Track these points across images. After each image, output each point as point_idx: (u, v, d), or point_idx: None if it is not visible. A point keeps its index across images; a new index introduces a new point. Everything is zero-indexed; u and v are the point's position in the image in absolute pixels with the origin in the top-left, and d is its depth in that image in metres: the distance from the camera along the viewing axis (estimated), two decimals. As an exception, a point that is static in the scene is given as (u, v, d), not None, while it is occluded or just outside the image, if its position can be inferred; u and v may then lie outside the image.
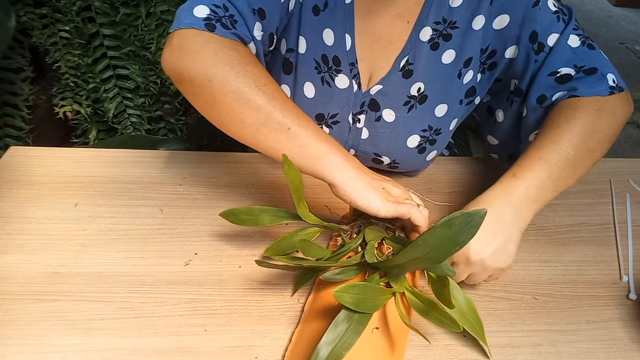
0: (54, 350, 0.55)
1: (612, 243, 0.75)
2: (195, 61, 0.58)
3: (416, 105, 0.75)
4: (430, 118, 0.76)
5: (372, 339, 0.54)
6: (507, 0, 0.69)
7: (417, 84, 0.74)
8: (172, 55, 0.61)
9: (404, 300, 0.58)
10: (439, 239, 0.49)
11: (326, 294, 0.59)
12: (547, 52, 0.69)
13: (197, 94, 0.60)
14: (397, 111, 0.75)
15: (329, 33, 0.72)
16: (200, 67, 0.58)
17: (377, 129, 0.77)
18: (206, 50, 0.59)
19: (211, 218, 0.74)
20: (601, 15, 3.48)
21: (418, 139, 0.77)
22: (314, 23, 0.72)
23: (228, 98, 0.58)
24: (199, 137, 1.70)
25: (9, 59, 1.37)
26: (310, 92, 0.75)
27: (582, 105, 0.66)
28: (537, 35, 0.69)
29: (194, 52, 0.59)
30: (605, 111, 0.66)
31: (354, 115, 0.77)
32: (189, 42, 0.59)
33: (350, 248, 0.61)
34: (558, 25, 0.69)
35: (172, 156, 0.87)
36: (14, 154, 0.84)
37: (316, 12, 0.71)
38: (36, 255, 0.66)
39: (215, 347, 0.57)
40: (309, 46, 0.73)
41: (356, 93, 0.75)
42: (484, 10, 0.70)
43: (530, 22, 0.68)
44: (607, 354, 0.59)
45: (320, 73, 0.74)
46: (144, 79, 1.46)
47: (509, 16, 0.69)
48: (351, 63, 0.74)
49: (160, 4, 1.39)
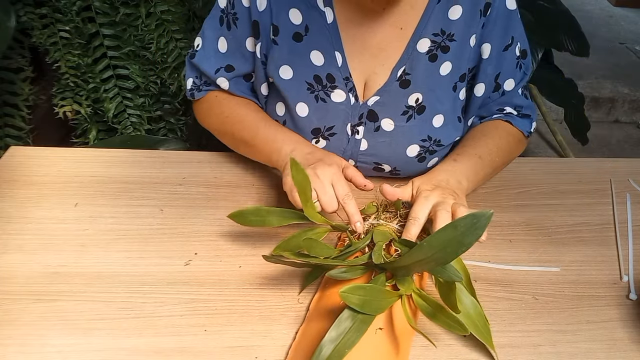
0: (54, 350, 0.55)
1: (612, 243, 0.75)
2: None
3: (414, 116, 0.76)
4: (429, 129, 0.76)
5: (376, 339, 0.54)
6: (490, 31, 0.75)
7: (415, 94, 0.75)
8: None
9: (410, 303, 0.58)
10: (445, 240, 0.49)
11: (332, 294, 0.59)
12: (501, 94, 0.80)
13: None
14: (396, 120, 0.76)
15: (316, 54, 0.74)
16: (198, 118, 0.88)
17: (376, 138, 0.77)
18: (197, 114, 0.87)
19: (211, 218, 0.74)
20: (601, 15, 3.48)
21: (417, 148, 0.77)
22: (297, 49, 0.74)
23: (216, 135, 0.85)
24: (198, 137, 1.70)
25: (9, 59, 1.37)
26: (303, 111, 0.76)
27: (512, 133, 0.81)
28: (499, 76, 0.78)
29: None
30: (521, 144, 0.84)
31: (353, 127, 0.77)
32: (193, 109, 0.89)
33: (357, 248, 0.61)
34: (515, 72, 0.79)
35: (172, 156, 0.87)
36: (14, 154, 0.84)
37: (298, 38, 0.73)
38: (36, 255, 0.66)
39: (215, 347, 0.57)
40: (297, 71, 0.75)
41: (354, 105, 0.75)
42: (477, 30, 0.74)
43: (499, 63, 0.77)
44: (607, 354, 0.59)
45: (314, 92, 0.75)
46: (144, 79, 1.46)
47: (490, 46, 0.75)
48: (345, 78, 0.74)
49: (160, 4, 1.39)
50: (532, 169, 0.90)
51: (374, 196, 0.80)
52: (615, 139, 2.44)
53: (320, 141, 0.77)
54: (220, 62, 0.79)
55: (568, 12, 1.73)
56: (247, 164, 0.86)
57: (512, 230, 0.76)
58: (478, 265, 0.68)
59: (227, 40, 0.78)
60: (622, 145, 2.40)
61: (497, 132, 0.79)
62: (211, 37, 0.79)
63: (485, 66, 0.76)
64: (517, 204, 0.81)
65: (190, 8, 1.47)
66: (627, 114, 2.57)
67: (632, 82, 2.62)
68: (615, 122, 2.58)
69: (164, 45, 1.44)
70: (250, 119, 0.79)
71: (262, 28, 0.74)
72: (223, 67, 0.80)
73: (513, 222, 0.77)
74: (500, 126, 0.81)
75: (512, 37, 0.76)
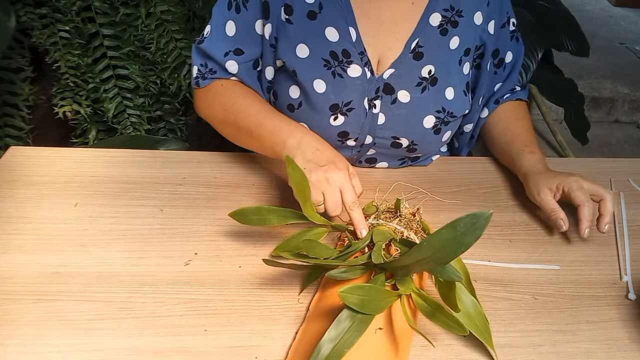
0: (54, 350, 0.55)
1: (612, 243, 0.75)
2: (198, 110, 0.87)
3: (428, 87, 0.78)
4: (442, 100, 0.79)
5: (375, 339, 0.54)
6: (493, 10, 0.80)
7: (428, 66, 0.77)
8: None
9: (410, 303, 0.58)
10: (444, 240, 0.49)
11: (332, 294, 0.59)
12: (504, 69, 0.87)
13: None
14: (412, 92, 0.78)
15: (331, 31, 0.75)
16: (197, 107, 0.87)
17: (393, 111, 0.79)
18: (199, 103, 0.86)
19: (211, 218, 0.74)
20: (601, 15, 3.48)
21: (433, 119, 0.79)
22: (313, 27, 0.75)
23: (218, 126, 0.83)
24: (199, 137, 1.70)
25: (9, 59, 1.37)
26: (320, 88, 0.77)
27: (525, 106, 0.93)
28: (499, 52, 0.85)
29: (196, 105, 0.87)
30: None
31: (370, 101, 0.78)
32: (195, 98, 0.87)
33: (357, 248, 0.61)
34: (512, 45, 0.86)
35: (172, 156, 0.87)
36: (14, 154, 0.84)
37: (312, 16, 0.75)
38: (36, 255, 0.66)
39: (215, 347, 0.57)
40: (313, 49, 0.76)
41: (370, 79, 0.77)
42: (483, 8, 0.78)
43: (499, 39, 0.83)
44: (607, 354, 0.59)
45: (331, 68, 0.76)
46: (143, 79, 1.46)
47: (494, 22, 0.81)
48: (360, 52, 0.76)
49: (160, 4, 1.39)
50: (532, 169, 0.90)
51: (374, 196, 0.80)
52: (615, 139, 2.44)
53: (339, 117, 0.78)
54: (229, 46, 0.79)
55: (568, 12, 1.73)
56: (247, 164, 0.86)
57: (512, 230, 0.76)
58: (478, 265, 0.68)
59: (235, 23, 0.79)
60: (622, 145, 2.40)
61: (521, 111, 0.91)
62: (219, 22, 0.79)
63: (491, 43, 0.82)
64: (517, 204, 0.81)
65: (190, 8, 1.47)
66: (627, 114, 2.57)
67: (632, 82, 2.62)
68: (615, 122, 2.57)
69: (164, 45, 1.44)
70: (255, 109, 0.78)
71: (272, 8, 0.76)
72: (232, 51, 0.79)
73: (513, 222, 0.77)
74: (520, 107, 0.92)
75: (506, 12, 0.83)
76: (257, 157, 0.87)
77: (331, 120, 0.78)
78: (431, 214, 0.77)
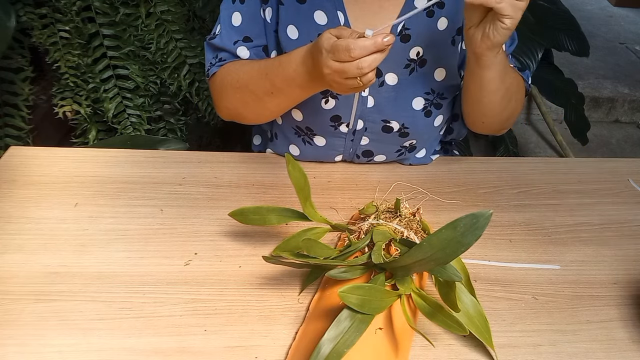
0: (53, 350, 0.55)
1: (613, 243, 0.75)
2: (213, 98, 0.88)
3: (417, 69, 0.79)
4: (431, 81, 0.80)
5: (375, 339, 0.54)
6: None
7: (416, 48, 0.78)
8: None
9: (410, 303, 0.58)
10: (444, 240, 0.49)
11: (332, 294, 0.59)
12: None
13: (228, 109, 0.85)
14: (400, 74, 0.78)
15: (320, 14, 0.77)
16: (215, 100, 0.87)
17: (381, 94, 0.79)
18: (213, 93, 0.86)
19: (211, 218, 0.74)
20: (601, 15, 3.48)
21: (422, 101, 0.80)
22: (302, 11, 0.77)
23: (240, 107, 0.83)
24: (199, 137, 1.71)
25: (9, 59, 1.37)
26: None
27: (518, 75, 0.84)
28: None
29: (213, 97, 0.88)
30: (523, 89, 0.85)
31: None
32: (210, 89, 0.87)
33: (357, 248, 0.61)
34: None
35: (172, 156, 0.87)
36: (14, 154, 0.84)
37: (302, 0, 0.76)
38: (36, 255, 0.66)
39: (215, 347, 0.57)
40: (302, 31, 0.78)
41: None
42: None
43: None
44: (607, 354, 0.59)
45: None
46: (143, 79, 1.46)
47: None
48: None
49: (160, 4, 1.39)
50: (532, 169, 0.90)
51: (374, 196, 0.80)
52: (615, 139, 2.44)
53: (330, 100, 0.79)
54: (237, 35, 0.81)
55: (568, 12, 1.73)
56: (247, 164, 0.86)
57: (512, 230, 0.76)
58: (478, 265, 0.68)
59: (241, 13, 0.80)
60: (622, 145, 2.40)
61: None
62: (226, 16, 0.81)
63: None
64: (517, 204, 0.81)
65: (190, 8, 1.47)
66: (627, 114, 2.57)
67: (632, 82, 2.61)
68: (615, 122, 2.57)
69: (164, 45, 1.44)
70: (257, 71, 0.77)
71: None
72: (240, 39, 0.81)
73: (513, 222, 0.77)
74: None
75: None
76: (257, 157, 0.87)
77: (322, 104, 0.79)
78: (431, 214, 0.77)
